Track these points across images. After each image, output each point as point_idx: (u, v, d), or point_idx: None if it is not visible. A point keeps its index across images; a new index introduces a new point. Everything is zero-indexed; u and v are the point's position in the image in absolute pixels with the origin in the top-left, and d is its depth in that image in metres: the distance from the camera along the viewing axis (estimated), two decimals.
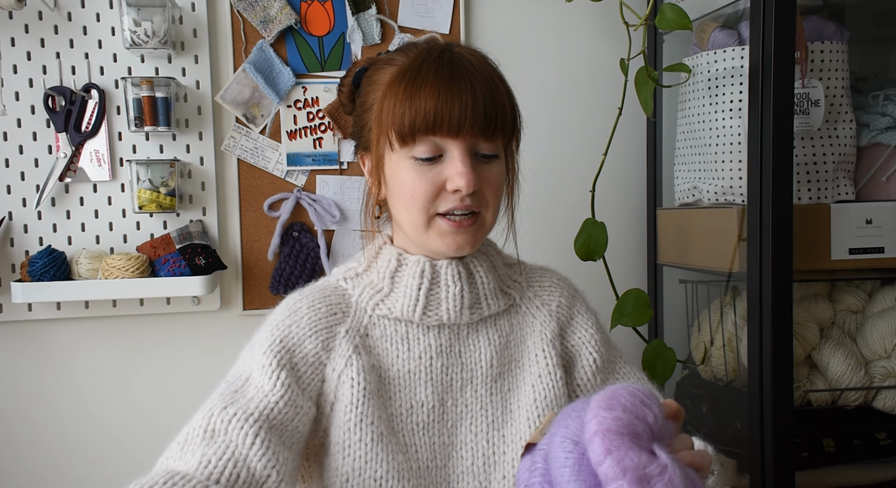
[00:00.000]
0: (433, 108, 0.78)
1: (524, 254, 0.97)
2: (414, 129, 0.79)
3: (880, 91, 1.38)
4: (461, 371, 0.87)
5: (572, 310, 0.95)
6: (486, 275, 0.89)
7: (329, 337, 0.84)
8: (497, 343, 0.89)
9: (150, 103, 1.39)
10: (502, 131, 0.82)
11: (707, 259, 1.34)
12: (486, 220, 0.85)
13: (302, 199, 1.51)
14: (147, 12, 1.37)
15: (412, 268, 0.86)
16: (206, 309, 1.49)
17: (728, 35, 1.32)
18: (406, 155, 0.81)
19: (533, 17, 1.61)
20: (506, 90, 0.83)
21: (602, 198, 1.48)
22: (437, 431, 0.86)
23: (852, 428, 1.33)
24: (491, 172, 0.83)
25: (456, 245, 0.83)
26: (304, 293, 0.89)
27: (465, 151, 0.80)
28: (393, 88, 0.81)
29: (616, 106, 1.38)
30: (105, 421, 1.48)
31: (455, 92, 0.78)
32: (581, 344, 0.93)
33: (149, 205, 1.40)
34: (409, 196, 0.81)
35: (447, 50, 0.83)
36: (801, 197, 1.31)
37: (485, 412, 0.87)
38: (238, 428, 0.73)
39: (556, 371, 0.89)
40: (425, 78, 0.79)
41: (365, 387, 0.82)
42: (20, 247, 1.41)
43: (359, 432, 0.81)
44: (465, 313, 0.87)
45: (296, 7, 1.49)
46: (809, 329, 1.33)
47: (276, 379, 0.79)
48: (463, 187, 0.79)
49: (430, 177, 0.80)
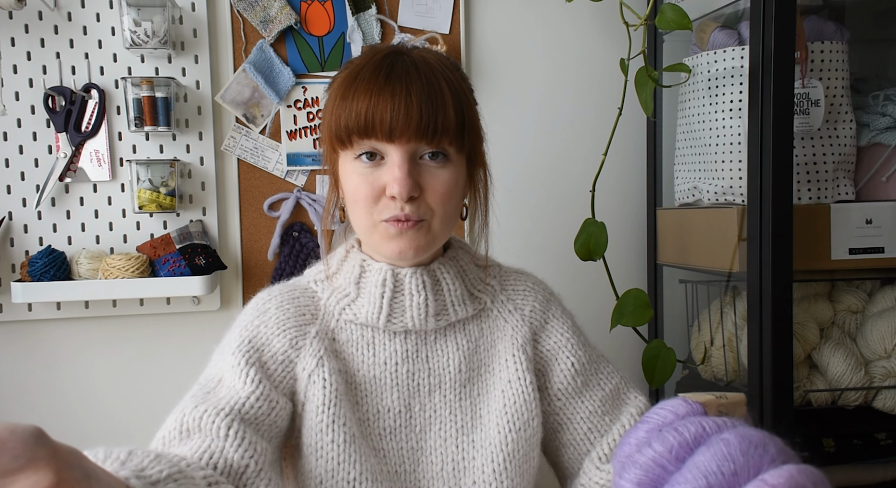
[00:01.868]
0: (363, 111, 0.76)
1: (524, 254, 0.97)
2: (349, 132, 0.78)
3: (880, 91, 1.38)
4: (428, 376, 0.86)
5: (547, 314, 0.93)
6: (453, 282, 0.87)
7: (298, 335, 0.83)
8: (465, 348, 0.88)
9: (150, 103, 1.39)
10: (445, 134, 0.78)
11: (707, 259, 1.34)
12: (433, 228, 0.81)
13: (302, 199, 1.51)
14: (147, 12, 1.37)
15: (374, 276, 0.85)
16: (206, 309, 1.49)
17: (728, 35, 1.32)
18: (350, 158, 0.80)
19: (533, 17, 1.61)
20: (452, 94, 0.79)
21: (602, 198, 1.48)
22: (404, 436, 0.85)
23: (852, 428, 1.33)
24: (437, 178, 0.79)
25: (399, 249, 0.80)
26: (272, 292, 0.88)
27: (404, 156, 0.77)
28: (336, 91, 0.80)
29: (616, 106, 1.38)
30: (105, 421, 1.48)
31: (387, 94, 0.76)
32: (557, 348, 0.91)
33: (149, 205, 1.40)
34: (353, 199, 0.81)
35: (394, 53, 0.81)
36: (801, 197, 1.31)
37: (454, 417, 0.87)
38: (210, 422, 0.73)
39: (526, 376, 0.87)
40: (361, 80, 0.78)
41: (337, 389, 0.81)
42: (20, 247, 1.41)
43: (331, 433, 0.80)
44: (431, 320, 0.85)
45: (296, 7, 1.49)
46: (809, 329, 1.33)
47: (246, 376, 0.79)
48: (397, 193, 0.77)
49: (370, 180, 0.79)
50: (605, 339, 1.40)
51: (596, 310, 1.50)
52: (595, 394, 0.91)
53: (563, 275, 1.60)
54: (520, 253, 1.60)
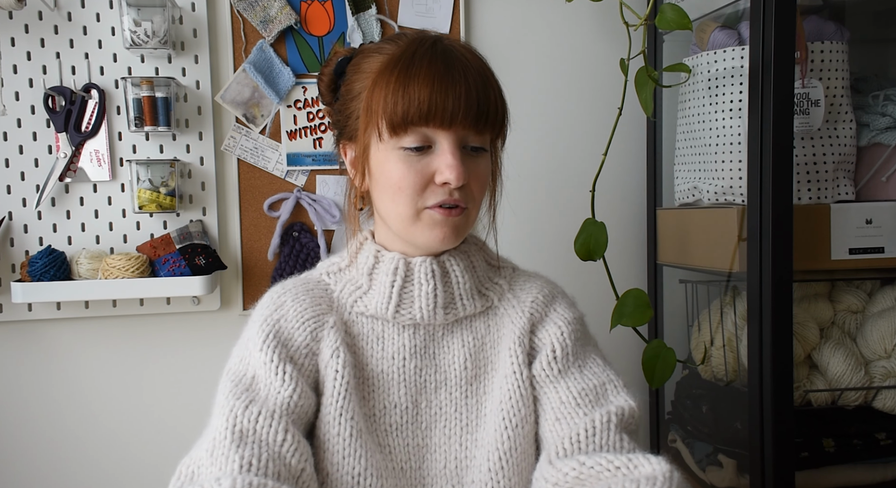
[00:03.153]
0: (427, 97, 0.76)
1: (524, 254, 0.97)
2: (406, 119, 0.77)
3: (880, 91, 1.38)
4: (435, 373, 0.86)
5: (549, 306, 0.90)
6: (462, 275, 0.87)
7: (317, 326, 0.84)
8: (471, 345, 0.88)
9: (150, 103, 1.39)
10: (492, 125, 0.81)
11: (707, 259, 1.34)
12: (471, 215, 0.84)
13: (302, 199, 1.51)
14: (147, 12, 1.37)
15: (387, 265, 0.85)
16: (206, 309, 1.49)
17: (728, 35, 1.32)
18: (395, 145, 0.79)
19: (533, 16, 1.61)
20: (497, 85, 0.83)
21: (602, 198, 1.48)
22: (410, 433, 0.85)
23: (852, 428, 1.33)
24: (479, 167, 0.82)
25: (442, 236, 0.81)
26: (286, 286, 0.88)
27: (455, 143, 0.79)
28: (384, 77, 0.79)
29: (616, 106, 1.38)
30: (105, 421, 1.48)
31: (449, 82, 0.77)
32: (547, 336, 0.88)
33: (149, 205, 1.40)
34: (396, 187, 0.80)
35: (439, 40, 0.82)
36: (801, 197, 1.31)
37: (458, 414, 0.86)
38: (267, 426, 0.74)
39: (522, 369, 0.86)
40: (419, 67, 0.77)
41: (348, 381, 0.81)
42: (20, 247, 1.41)
43: (337, 426, 0.80)
44: (440, 313, 0.85)
45: (296, 7, 1.49)
46: (809, 329, 1.33)
47: (283, 372, 0.79)
48: (452, 180, 0.78)
49: (418, 168, 0.79)
50: (605, 339, 1.40)
51: (596, 310, 1.49)
52: (572, 385, 0.84)
53: (563, 275, 1.60)
54: (520, 252, 1.60)
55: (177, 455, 0.77)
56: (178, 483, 0.73)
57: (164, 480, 0.74)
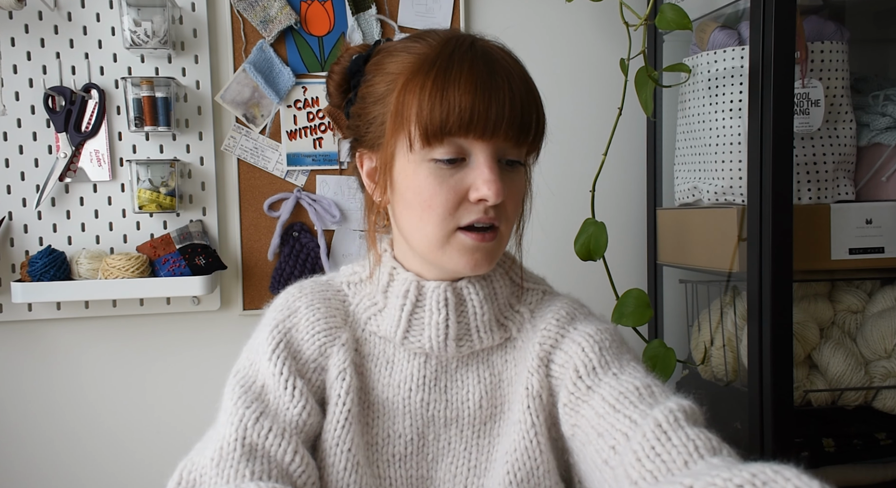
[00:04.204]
0: (469, 105, 0.68)
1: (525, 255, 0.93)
2: (444, 129, 0.69)
3: (880, 91, 1.38)
4: (445, 408, 0.78)
5: (565, 328, 0.79)
6: (481, 306, 0.78)
7: (328, 341, 0.78)
8: (488, 382, 0.79)
9: (150, 103, 1.39)
10: (534, 138, 0.74)
11: (707, 259, 1.34)
12: (504, 237, 0.76)
13: (302, 199, 1.51)
14: (147, 12, 1.37)
15: (399, 286, 0.78)
16: (206, 309, 1.49)
17: (728, 35, 1.32)
18: (425, 156, 0.71)
19: (533, 16, 1.61)
20: (538, 94, 0.74)
21: (602, 198, 1.48)
22: (415, 464, 0.79)
23: (852, 428, 1.33)
24: (515, 183, 0.75)
25: (475, 262, 0.73)
26: (304, 290, 0.82)
27: (492, 157, 0.71)
28: (418, 79, 0.70)
29: (616, 106, 1.38)
30: (105, 421, 1.48)
31: (493, 89, 0.69)
32: (568, 359, 0.76)
33: (149, 205, 1.40)
34: (426, 205, 0.71)
35: (477, 41, 0.73)
36: (801, 197, 1.31)
37: (468, 454, 0.78)
38: (276, 444, 0.70)
39: (529, 417, 0.75)
40: (459, 70, 0.69)
41: (350, 410, 0.75)
42: (20, 247, 1.41)
43: (333, 457, 0.74)
44: (451, 345, 0.77)
45: (296, 7, 1.49)
46: (809, 329, 1.33)
47: (293, 387, 0.74)
48: (490, 197, 0.70)
49: (451, 184, 0.71)
50: None
51: (596, 310, 1.49)
52: (607, 393, 0.71)
53: (563, 275, 1.60)
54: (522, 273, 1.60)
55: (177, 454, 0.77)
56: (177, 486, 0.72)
57: (164, 480, 0.74)
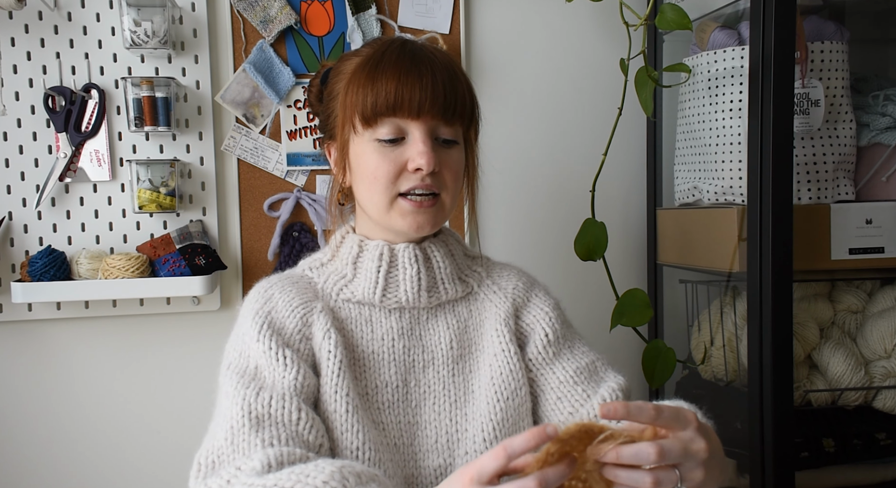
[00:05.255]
0: (394, 89, 0.82)
1: (524, 254, 1.00)
2: (376, 111, 0.83)
3: (880, 91, 1.39)
4: (422, 352, 0.91)
5: (529, 293, 0.98)
6: (443, 261, 0.93)
7: (306, 312, 0.88)
8: (455, 327, 0.93)
9: (150, 103, 1.39)
10: (461, 116, 0.87)
11: (707, 259, 1.34)
12: (445, 203, 0.89)
13: (302, 199, 1.51)
14: (147, 12, 1.36)
15: (372, 251, 0.90)
16: (206, 309, 1.49)
17: (728, 35, 1.32)
18: (370, 137, 0.85)
19: (533, 17, 1.61)
20: (465, 79, 0.89)
21: (602, 198, 1.48)
22: (402, 410, 0.89)
23: (852, 428, 1.33)
24: (451, 157, 0.88)
25: (416, 224, 0.87)
26: (271, 281, 0.93)
27: (426, 133, 0.85)
28: (357, 74, 0.86)
29: (616, 106, 1.38)
30: (105, 421, 1.48)
31: (416, 74, 0.83)
32: (535, 321, 0.95)
33: (149, 205, 1.40)
34: (372, 176, 0.85)
35: (409, 41, 0.89)
36: (801, 197, 1.31)
37: (447, 392, 0.91)
38: (280, 407, 0.77)
39: (510, 347, 0.92)
40: (387, 63, 0.84)
41: (341, 360, 0.85)
42: (20, 247, 1.41)
43: (334, 403, 0.83)
44: (423, 295, 0.91)
45: (296, 7, 1.49)
46: (809, 329, 1.33)
47: (284, 357, 0.82)
48: (424, 165, 0.83)
49: (392, 158, 0.85)
50: (605, 339, 1.41)
51: (596, 310, 1.50)
52: (567, 365, 0.93)
53: (563, 275, 1.60)
54: (520, 252, 1.60)
55: (176, 454, 0.77)
56: (200, 474, 0.75)
57: (164, 480, 0.74)
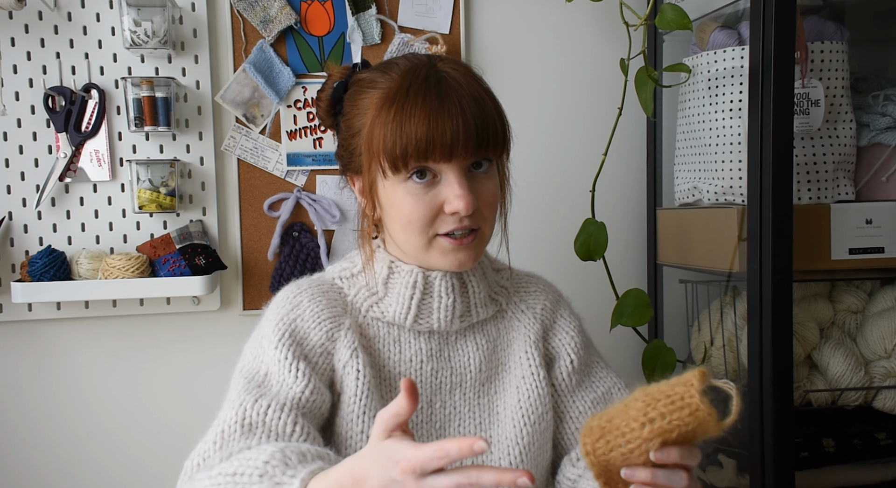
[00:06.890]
0: (424, 135, 0.76)
1: (524, 254, 0.99)
2: (406, 157, 0.78)
3: (880, 91, 1.38)
4: (450, 375, 0.89)
5: (556, 313, 0.97)
6: (479, 285, 0.90)
7: (333, 327, 0.85)
8: (485, 348, 0.91)
9: (150, 103, 1.39)
10: (494, 148, 0.81)
11: (707, 259, 1.34)
12: (485, 235, 0.86)
13: (302, 199, 1.51)
14: (147, 12, 1.36)
15: (405, 278, 0.86)
16: (206, 309, 1.49)
17: (728, 35, 1.32)
18: (400, 180, 0.80)
19: (533, 17, 1.61)
20: (494, 104, 0.82)
21: (602, 198, 1.48)
22: (425, 432, 0.87)
23: (852, 428, 1.33)
24: (486, 188, 0.83)
25: (458, 262, 0.83)
26: (301, 286, 0.89)
27: (460, 172, 0.80)
28: (382, 115, 0.79)
29: (616, 106, 1.38)
30: (105, 421, 1.48)
31: (445, 116, 0.77)
32: (561, 345, 0.95)
33: (149, 205, 1.40)
34: (406, 220, 0.81)
35: (432, 68, 0.81)
36: (801, 197, 1.31)
37: (472, 414, 0.89)
38: (276, 417, 0.75)
39: (539, 371, 0.91)
40: (413, 104, 0.77)
41: (369, 380, 0.83)
42: (20, 247, 1.41)
43: (361, 423, 0.82)
44: (456, 322, 0.88)
45: (296, 7, 1.49)
46: (809, 329, 1.33)
47: (297, 369, 0.80)
48: (462, 209, 0.79)
49: (426, 200, 0.80)
50: (605, 339, 1.40)
51: (596, 310, 1.50)
52: (587, 395, 0.94)
53: (563, 275, 1.60)
54: (520, 252, 1.60)
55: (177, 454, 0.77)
56: (185, 477, 0.74)
57: (164, 480, 0.74)
